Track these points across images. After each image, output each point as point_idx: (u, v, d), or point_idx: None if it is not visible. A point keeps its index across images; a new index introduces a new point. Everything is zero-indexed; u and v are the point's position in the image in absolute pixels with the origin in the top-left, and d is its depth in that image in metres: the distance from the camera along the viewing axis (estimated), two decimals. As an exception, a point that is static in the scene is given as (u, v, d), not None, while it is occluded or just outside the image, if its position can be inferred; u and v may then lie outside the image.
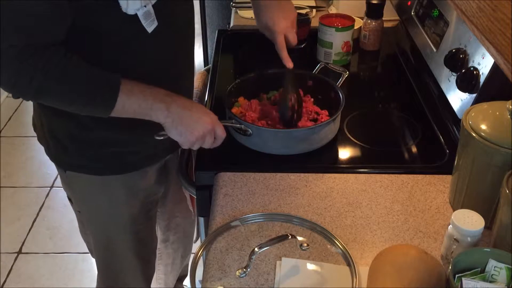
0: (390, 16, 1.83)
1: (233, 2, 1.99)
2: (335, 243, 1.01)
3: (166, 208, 1.57)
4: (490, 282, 0.85)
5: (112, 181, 1.27)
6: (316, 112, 1.35)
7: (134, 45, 1.10)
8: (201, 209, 1.27)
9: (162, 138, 1.13)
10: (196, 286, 0.94)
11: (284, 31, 1.26)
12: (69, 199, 1.40)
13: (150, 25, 1.07)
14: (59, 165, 1.29)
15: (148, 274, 1.54)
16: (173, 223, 1.63)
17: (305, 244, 0.98)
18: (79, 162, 1.24)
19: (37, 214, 2.59)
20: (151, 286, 1.71)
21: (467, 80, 1.21)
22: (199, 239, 1.48)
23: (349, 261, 0.97)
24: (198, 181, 1.25)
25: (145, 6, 1.04)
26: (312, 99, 1.39)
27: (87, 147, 1.21)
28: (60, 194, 2.63)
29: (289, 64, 1.26)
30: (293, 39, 1.28)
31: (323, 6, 2.00)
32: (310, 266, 0.98)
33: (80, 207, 1.37)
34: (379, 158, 1.27)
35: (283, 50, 1.26)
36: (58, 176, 1.38)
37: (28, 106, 3.02)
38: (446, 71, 1.33)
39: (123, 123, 1.12)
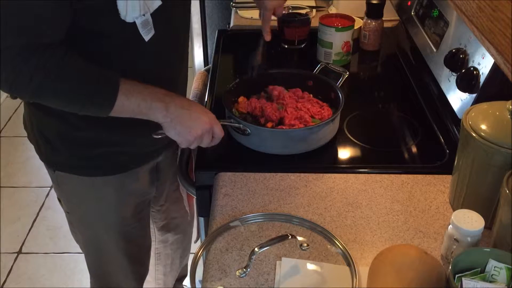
0: (390, 16, 1.83)
1: (233, 2, 1.99)
2: (335, 243, 1.01)
3: (162, 208, 1.56)
4: (490, 282, 0.85)
5: (102, 182, 1.26)
6: (318, 103, 1.35)
7: (133, 47, 1.10)
8: (201, 209, 1.27)
9: (160, 137, 1.13)
10: (196, 286, 0.94)
11: (274, 6, 1.38)
12: (59, 200, 1.38)
13: (147, 34, 1.07)
14: (48, 165, 1.27)
15: (140, 275, 1.53)
16: (173, 224, 1.62)
17: (305, 244, 0.98)
18: (69, 162, 1.23)
19: (37, 214, 2.59)
20: (151, 286, 1.71)
21: (467, 80, 1.21)
22: (199, 239, 1.48)
23: (349, 261, 0.97)
24: (198, 181, 1.25)
25: (143, 15, 1.04)
26: (311, 95, 1.39)
27: (76, 147, 1.20)
28: (60, 194, 2.63)
29: (268, 37, 1.39)
30: (280, 11, 1.44)
31: (323, 6, 2.00)
32: (310, 266, 0.98)
33: (69, 207, 1.36)
34: (379, 158, 1.27)
35: (267, 23, 1.39)
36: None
37: (28, 106, 3.02)
38: (446, 71, 1.33)
39: (113, 123, 1.11)
